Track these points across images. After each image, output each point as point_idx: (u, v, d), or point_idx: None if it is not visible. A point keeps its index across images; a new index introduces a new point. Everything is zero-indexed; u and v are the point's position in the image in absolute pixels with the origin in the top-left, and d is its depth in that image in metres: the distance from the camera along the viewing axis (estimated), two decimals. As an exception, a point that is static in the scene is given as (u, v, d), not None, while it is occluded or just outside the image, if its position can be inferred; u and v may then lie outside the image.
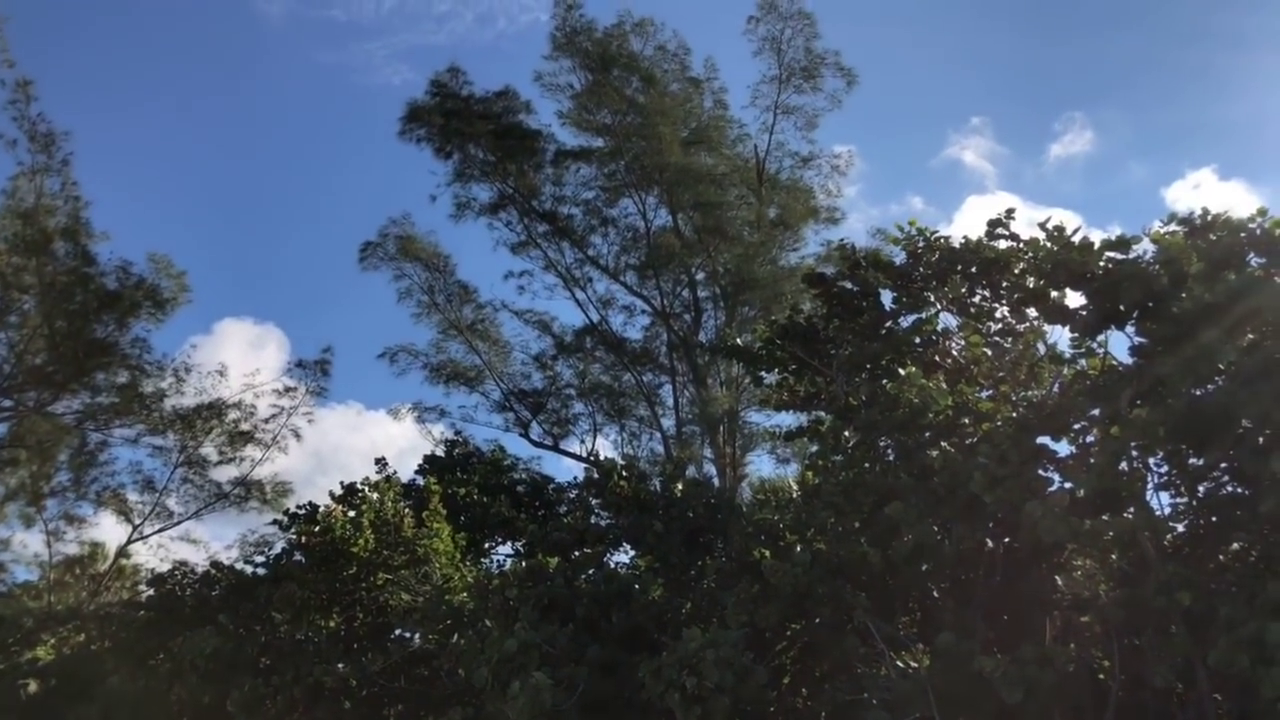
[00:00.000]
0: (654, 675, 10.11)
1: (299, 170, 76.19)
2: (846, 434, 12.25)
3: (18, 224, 23.27)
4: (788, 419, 21.74)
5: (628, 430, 32.16)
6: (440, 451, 27.40)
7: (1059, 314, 11.53)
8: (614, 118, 30.38)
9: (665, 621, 12.52)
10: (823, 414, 14.80)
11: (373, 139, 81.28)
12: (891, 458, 11.68)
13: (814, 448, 14.35)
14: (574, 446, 31.21)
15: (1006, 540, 10.73)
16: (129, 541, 27.08)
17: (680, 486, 14.70)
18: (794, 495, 14.51)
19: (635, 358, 31.55)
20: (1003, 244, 12.66)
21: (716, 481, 26.55)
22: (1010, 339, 13.27)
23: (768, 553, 11.83)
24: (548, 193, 31.46)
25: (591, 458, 29.40)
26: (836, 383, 13.24)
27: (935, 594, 11.46)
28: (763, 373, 15.53)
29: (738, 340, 17.83)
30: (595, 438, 31.38)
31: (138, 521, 26.86)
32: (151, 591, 19.63)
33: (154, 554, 26.80)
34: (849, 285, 14.01)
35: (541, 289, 31.74)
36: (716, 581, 12.87)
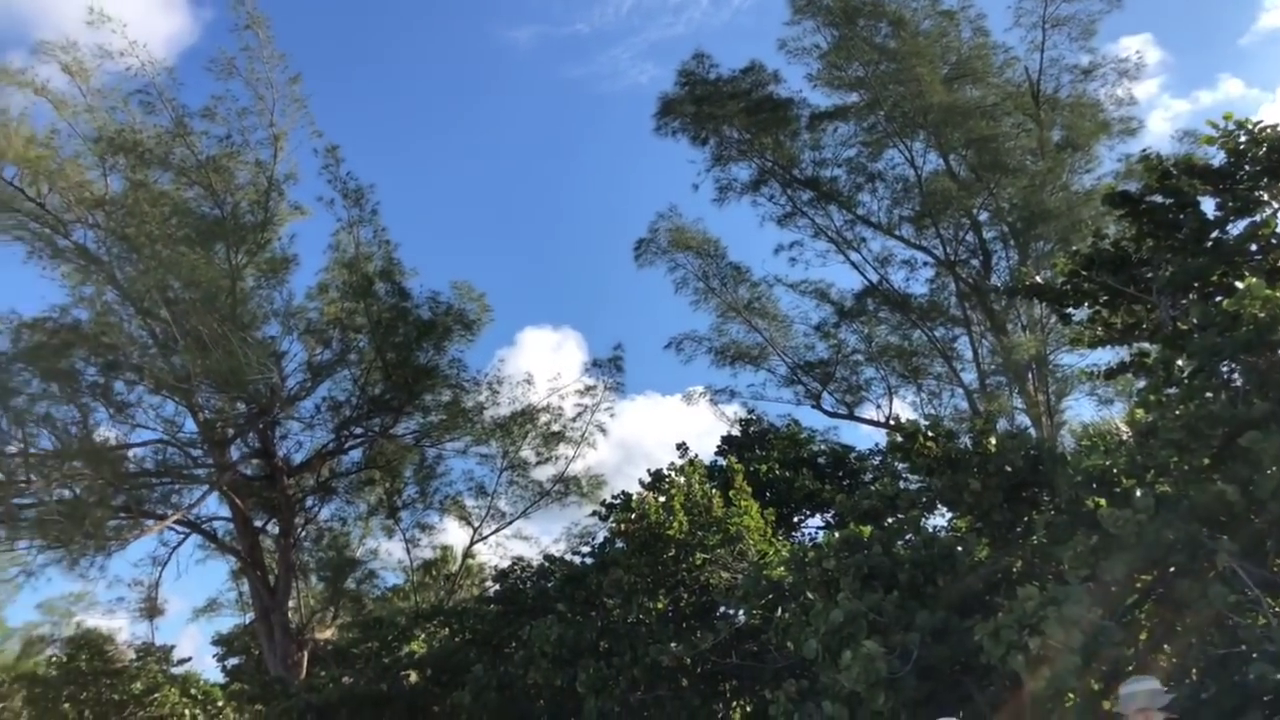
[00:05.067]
0: (992, 637, 9.63)
1: (568, 181, 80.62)
2: (1180, 363, 11.03)
3: (344, 273, 26.47)
4: (1105, 355, 20.04)
5: (925, 390, 31.02)
6: (736, 431, 27.97)
7: None
8: (866, 69, 29.22)
9: (995, 582, 11.91)
10: (1147, 345, 13.52)
11: (632, 139, 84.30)
12: (1239, 383, 10.37)
13: (1142, 383, 13.15)
14: (869, 413, 30.57)
15: (1403, 461, 9.18)
16: (472, 543, 29.96)
17: (994, 441, 13.86)
18: (1124, 437, 13.27)
19: (923, 313, 30.22)
20: (1351, 119, 10.87)
21: (1033, 432, 24.87)
22: (1374, 228, 11.41)
23: (1103, 501, 10.93)
24: (807, 159, 30.84)
25: (891, 421, 28.59)
26: (1160, 308, 12.00)
27: (1316, 530, 10.05)
28: (1070, 309, 14.43)
29: (1037, 278, 16.53)
30: (891, 401, 30.56)
31: (476, 524, 29.66)
32: (497, 586, 21.64)
33: (494, 552, 29.54)
34: (1160, 199, 12.70)
35: (813, 257, 31.15)
36: (1047, 536, 12.04)
